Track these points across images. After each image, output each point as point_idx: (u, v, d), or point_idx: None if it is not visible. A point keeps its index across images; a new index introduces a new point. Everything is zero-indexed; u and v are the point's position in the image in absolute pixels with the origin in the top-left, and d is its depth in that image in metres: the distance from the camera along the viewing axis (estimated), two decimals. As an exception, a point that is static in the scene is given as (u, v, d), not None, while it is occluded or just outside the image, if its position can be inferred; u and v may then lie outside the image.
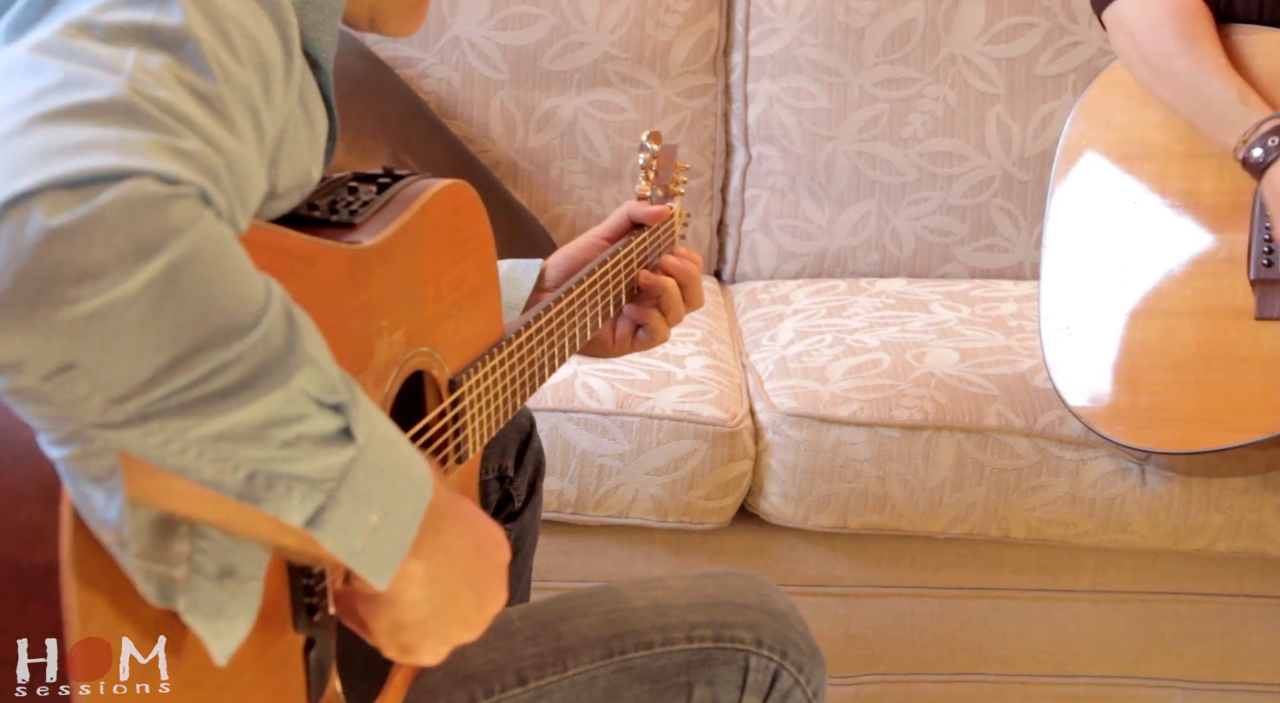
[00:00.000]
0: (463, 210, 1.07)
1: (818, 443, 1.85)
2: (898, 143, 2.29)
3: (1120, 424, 1.74)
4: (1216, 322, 1.70)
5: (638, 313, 1.38)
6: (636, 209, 1.40)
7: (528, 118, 2.28)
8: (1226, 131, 1.65)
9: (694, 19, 2.29)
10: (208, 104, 0.76)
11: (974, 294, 2.21)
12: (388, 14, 1.03)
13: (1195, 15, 1.69)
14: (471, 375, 1.07)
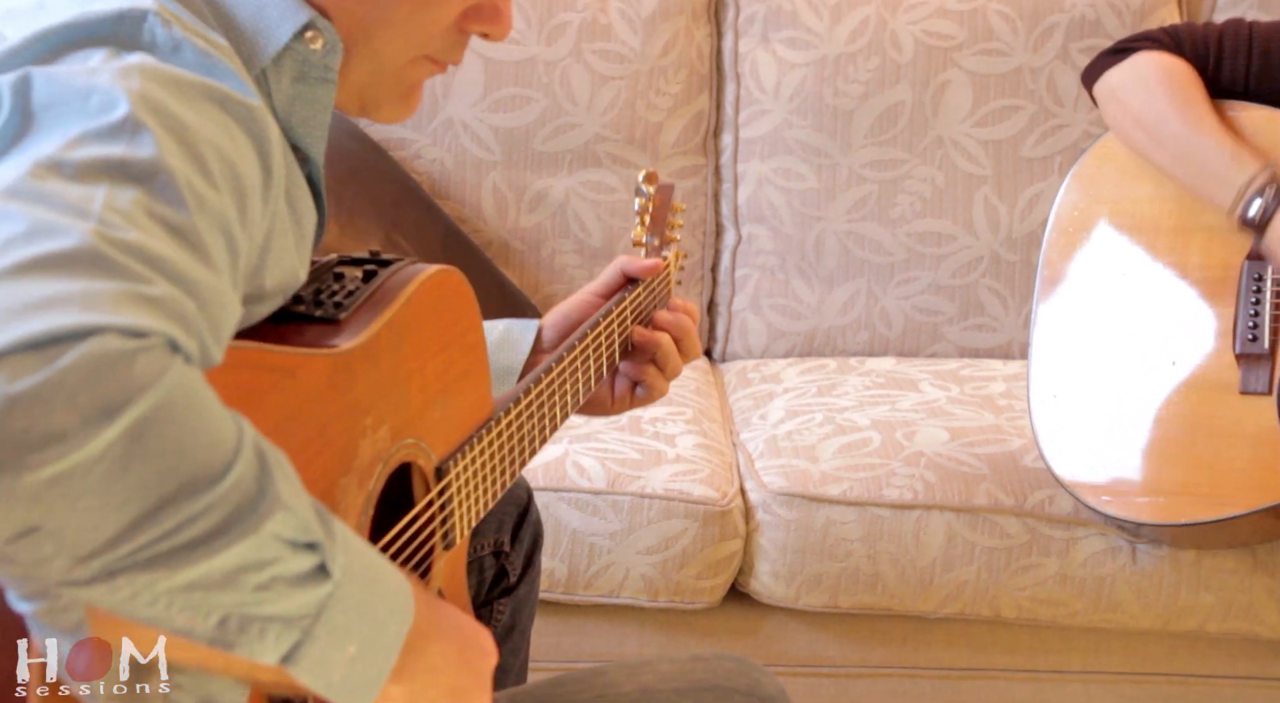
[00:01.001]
0: (449, 297, 1.06)
1: (808, 522, 1.85)
2: (886, 223, 2.31)
3: (1106, 494, 1.75)
4: (1202, 395, 1.72)
5: (634, 370, 1.35)
6: (630, 264, 1.37)
7: (520, 198, 2.30)
8: (1222, 191, 1.67)
9: (684, 101, 2.32)
10: (180, 236, 0.75)
11: (963, 373, 2.22)
12: (379, 101, 1.02)
13: (1187, 79, 1.72)
14: (458, 462, 1.06)
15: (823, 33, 2.29)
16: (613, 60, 2.29)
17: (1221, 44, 1.72)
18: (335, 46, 0.96)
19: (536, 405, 1.19)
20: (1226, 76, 1.72)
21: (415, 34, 0.99)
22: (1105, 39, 2.26)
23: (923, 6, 2.29)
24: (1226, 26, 1.74)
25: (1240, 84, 1.72)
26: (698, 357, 1.40)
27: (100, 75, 0.79)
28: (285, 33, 0.93)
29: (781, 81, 2.30)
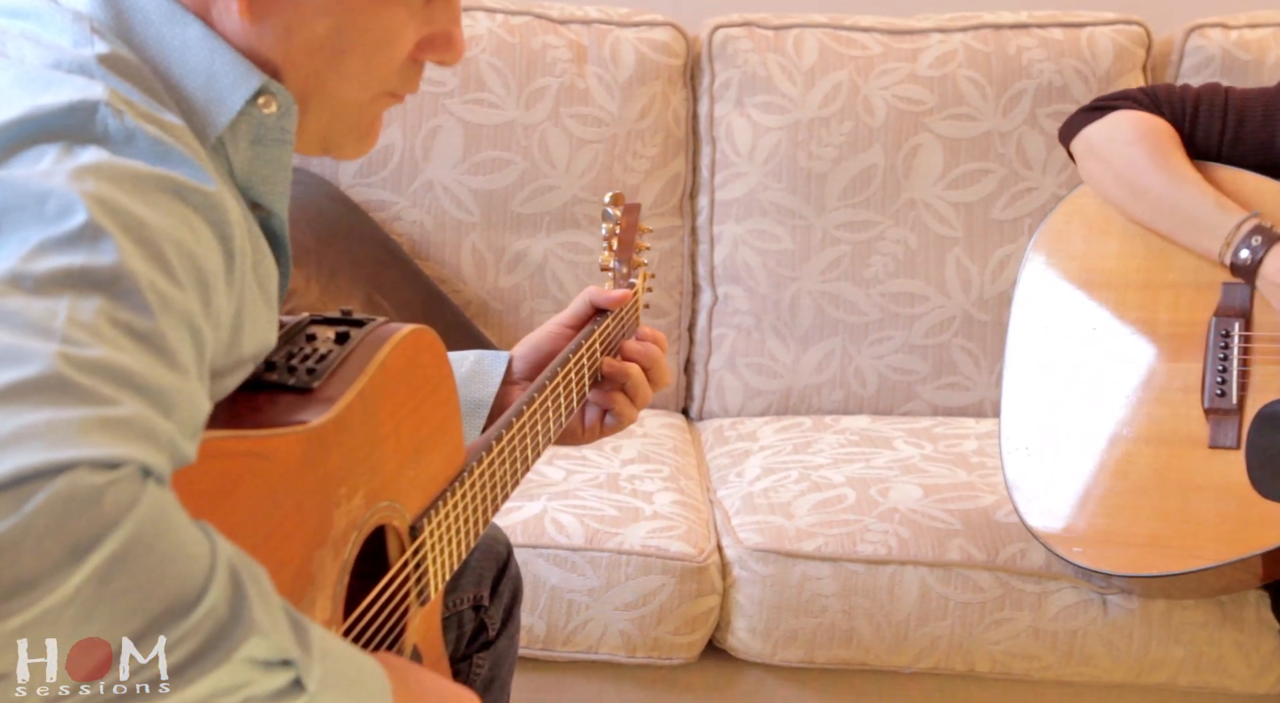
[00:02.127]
0: (423, 356, 1.06)
1: (784, 578, 1.87)
2: (860, 283, 2.35)
3: (1077, 546, 1.77)
4: (1172, 449, 1.75)
5: (604, 399, 1.36)
6: (599, 295, 1.38)
7: (499, 259, 2.33)
8: (1208, 239, 1.71)
9: (661, 163, 2.36)
10: (146, 342, 0.75)
11: (936, 431, 2.25)
12: (341, 142, 1.02)
13: (1165, 134, 1.76)
14: (432, 518, 1.07)
15: (796, 98, 2.33)
16: (590, 124, 2.33)
17: (1198, 108, 1.76)
18: (289, 109, 0.96)
19: (509, 450, 1.20)
20: (1200, 140, 1.76)
21: (372, 76, 0.99)
22: (1072, 104, 2.30)
23: (894, 72, 2.34)
24: (1203, 91, 1.79)
25: (1214, 148, 1.76)
26: (667, 384, 1.41)
27: (55, 178, 0.77)
28: (238, 100, 0.94)
29: (756, 145, 2.35)
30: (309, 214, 2.15)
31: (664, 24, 2.39)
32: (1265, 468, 1.69)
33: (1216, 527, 1.70)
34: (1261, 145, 1.75)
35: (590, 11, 2.39)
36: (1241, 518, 1.69)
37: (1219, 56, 2.33)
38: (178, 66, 0.93)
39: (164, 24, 0.94)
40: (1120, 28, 2.36)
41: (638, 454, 2.12)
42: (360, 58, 0.98)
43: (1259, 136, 1.74)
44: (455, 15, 1.02)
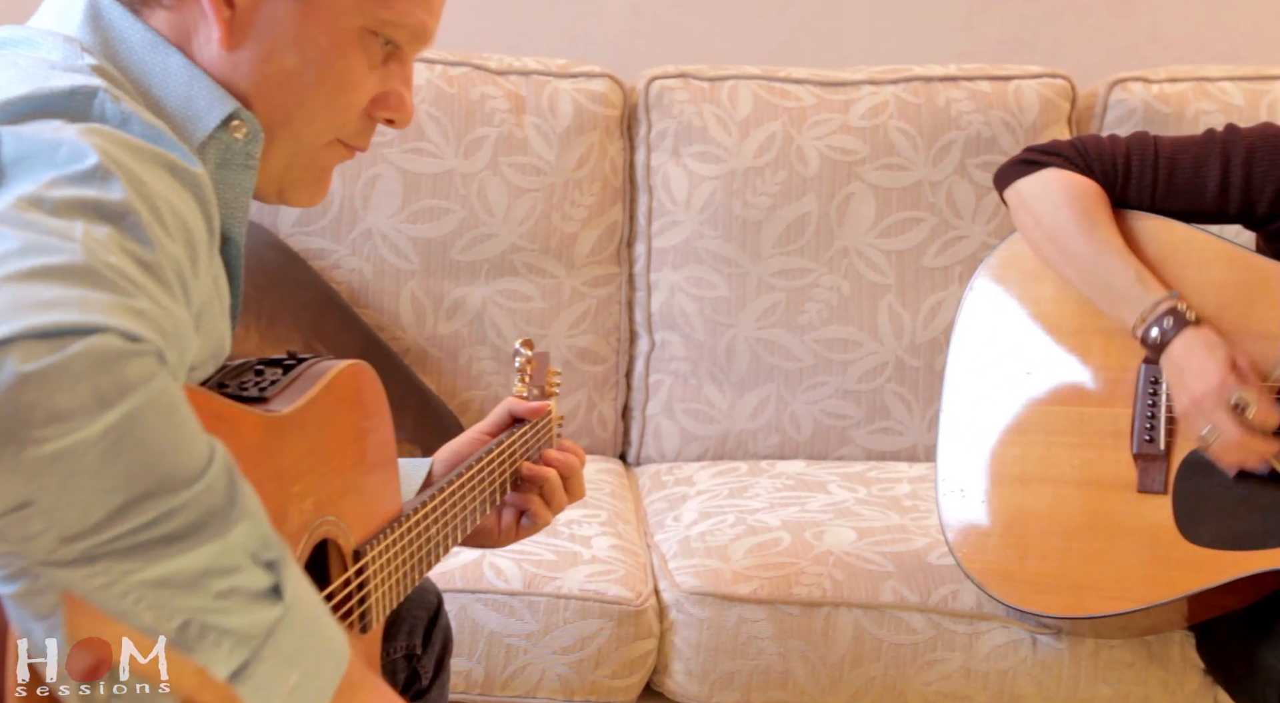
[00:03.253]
0: (365, 389, 1.12)
1: (720, 621, 1.89)
2: (795, 330, 2.38)
3: (1010, 586, 1.80)
4: (1102, 493, 1.78)
5: (520, 500, 1.44)
6: (516, 405, 1.48)
7: (437, 306, 2.35)
8: (1125, 310, 1.75)
9: (598, 212, 2.39)
10: (149, 271, 0.82)
11: (870, 475, 2.28)
12: (296, 186, 1.09)
13: (1093, 198, 1.80)
14: (375, 546, 1.11)
15: (732, 147, 2.38)
16: (529, 173, 2.36)
17: (1129, 161, 1.80)
18: (257, 135, 1.02)
19: (442, 511, 1.25)
20: (1133, 193, 1.81)
21: (332, 118, 1.06)
22: (1000, 155, 2.36)
23: (827, 123, 2.39)
24: (1133, 143, 1.82)
25: (1146, 200, 1.81)
26: (582, 497, 1.49)
27: (65, 131, 0.85)
28: (212, 121, 1.00)
29: (692, 194, 2.38)
30: (249, 262, 2.15)
31: (601, 75, 2.42)
32: (1191, 513, 1.73)
33: (1145, 570, 1.73)
34: (1193, 198, 1.79)
35: (529, 63, 2.43)
36: (1169, 561, 1.73)
37: (1140, 109, 2.39)
38: (158, 88, 1.01)
39: (146, 52, 1.01)
40: (1046, 81, 2.42)
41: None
42: (324, 97, 1.04)
43: (1189, 186, 1.79)
44: (408, 78, 1.09)
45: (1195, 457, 1.74)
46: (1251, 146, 1.76)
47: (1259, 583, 1.70)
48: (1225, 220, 1.80)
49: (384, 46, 1.07)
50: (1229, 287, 1.75)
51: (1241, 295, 1.75)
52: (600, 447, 2.43)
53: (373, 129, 1.10)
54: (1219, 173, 1.77)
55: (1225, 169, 1.76)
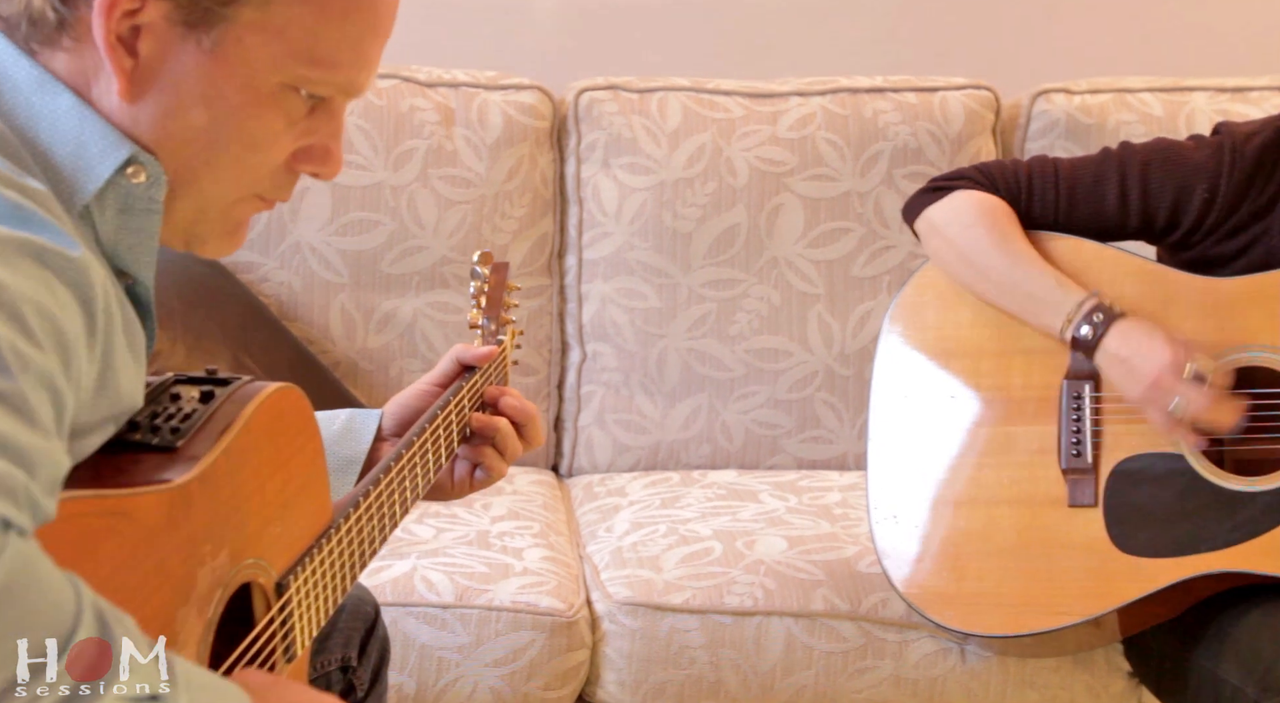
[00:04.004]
0: (288, 415, 1.07)
1: (653, 631, 1.90)
2: (725, 340, 2.40)
3: (949, 609, 1.82)
4: (1033, 510, 1.80)
5: (473, 453, 1.37)
6: (466, 352, 1.39)
7: (367, 319, 2.34)
8: (1050, 316, 1.77)
9: (529, 224, 2.39)
10: (6, 402, 0.77)
11: (801, 484, 2.30)
12: (204, 238, 1.03)
13: (1004, 214, 1.82)
14: (299, 575, 1.07)
15: (661, 159, 2.39)
16: (459, 185, 2.36)
17: (1031, 182, 1.83)
18: (159, 179, 0.97)
19: (377, 506, 1.21)
20: (1038, 213, 1.83)
21: (244, 176, 1.00)
22: (927, 165, 2.39)
23: (756, 134, 2.41)
24: (1034, 165, 1.85)
25: (1050, 220, 1.83)
26: (540, 444, 1.43)
27: None
28: (106, 169, 0.95)
29: (623, 205, 2.39)
30: (175, 276, 2.15)
31: (531, 87, 2.43)
32: (1122, 524, 1.75)
33: (1081, 583, 1.76)
34: (1094, 213, 1.82)
35: (458, 75, 2.43)
36: (1104, 573, 1.75)
37: (1063, 120, 2.43)
38: (45, 135, 0.95)
39: (33, 93, 0.95)
40: (971, 92, 2.45)
41: (507, 511, 2.14)
42: (233, 156, 0.99)
43: (1090, 204, 1.82)
44: (336, 131, 1.02)
45: (1123, 468, 1.77)
46: (1146, 161, 1.80)
47: (1190, 590, 1.73)
48: (1127, 236, 1.84)
49: (308, 100, 1.00)
50: (1143, 300, 1.78)
51: (1155, 308, 1.77)
52: (532, 458, 2.43)
53: (294, 181, 1.04)
54: (1117, 189, 1.80)
55: (1123, 185, 1.80)
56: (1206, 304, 1.76)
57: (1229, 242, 1.78)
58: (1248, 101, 2.42)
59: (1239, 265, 1.77)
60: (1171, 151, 1.81)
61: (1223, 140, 1.79)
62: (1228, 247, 1.78)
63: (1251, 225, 1.76)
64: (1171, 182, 1.78)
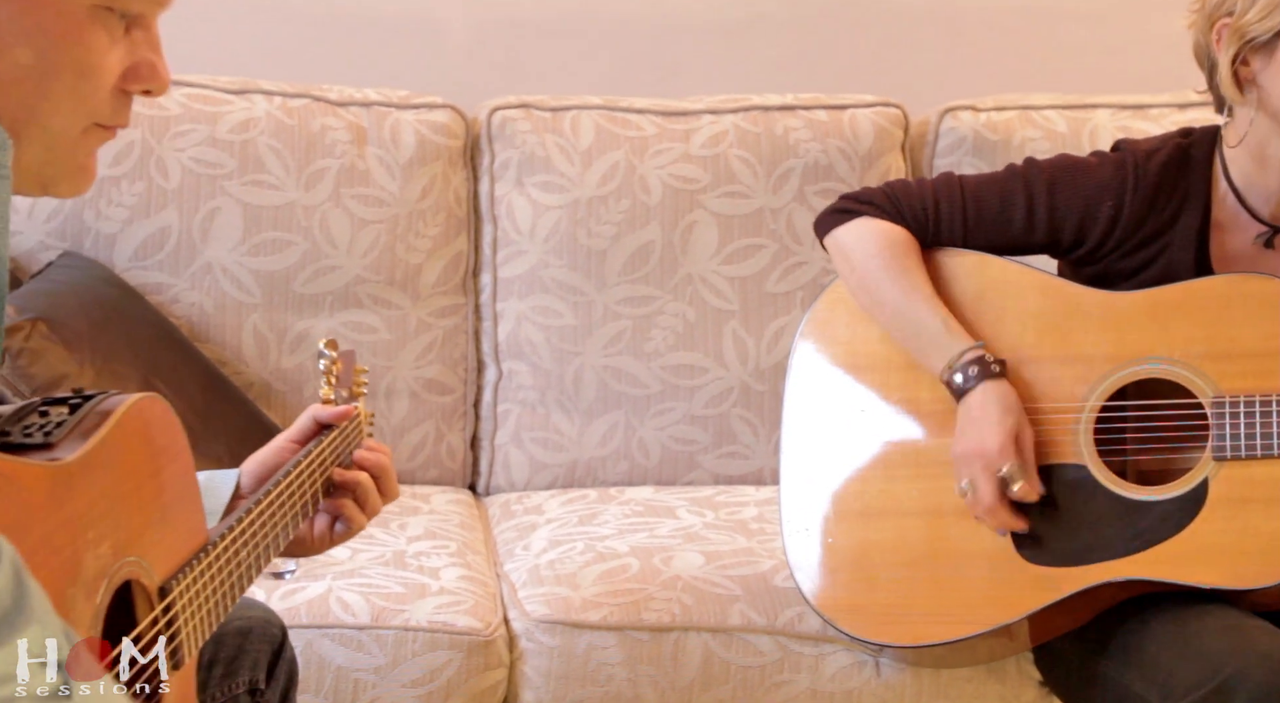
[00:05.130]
0: (157, 422, 1.09)
1: (570, 648, 1.90)
2: (641, 357, 2.41)
3: (862, 621, 1.83)
4: (942, 521, 1.83)
5: (333, 506, 1.42)
6: (322, 410, 1.45)
7: (281, 340, 2.33)
8: (934, 357, 1.81)
9: (443, 243, 2.39)
10: None
11: (718, 499, 2.31)
12: (57, 179, 1.05)
13: (904, 247, 1.85)
14: (181, 581, 1.09)
15: (575, 177, 2.39)
16: (372, 204, 2.35)
17: (938, 206, 1.86)
18: (4, 143, 0.98)
19: (251, 533, 1.23)
20: (945, 234, 1.86)
21: (81, 103, 1.03)
22: (838, 182, 2.41)
23: (669, 152, 2.42)
24: (939, 185, 1.87)
25: (959, 239, 1.86)
26: (396, 497, 1.47)
27: None
28: None
29: (537, 223, 2.40)
30: (83, 298, 2.13)
31: (443, 106, 2.43)
32: (1027, 533, 1.78)
33: (988, 593, 1.78)
34: (1002, 231, 1.85)
35: (370, 94, 2.42)
36: (1010, 583, 1.77)
37: (970, 137, 2.46)
38: None
39: None
40: (880, 110, 2.48)
41: (424, 531, 2.13)
42: (67, 84, 1.01)
43: (997, 221, 1.85)
44: (155, 44, 1.06)
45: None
46: (1052, 179, 1.83)
47: (1095, 599, 1.75)
48: (1034, 251, 1.87)
49: (122, 19, 1.03)
50: (1046, 314, 1.81)
51: (1059, 322, 1.81)
52: (449, 478, 2.42)
53: (129, 103, 1.06)
54: (1024, 206, 1.83)
55: (1030, 202, 1.83)
56: (1106, 318, 1.79)
57: (1132, 257, 1.81)
58: (1148, 118, 2.48)
59: (1141, 279, 1.80)
60: (1076, 168, 1.84)
61: (1125, 157, 1.83)
62: (1131, 261, 1.81)
63: (1154, 241, 1.80)
64: (1078, 198, 1.82)
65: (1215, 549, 1.70)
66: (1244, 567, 1.69)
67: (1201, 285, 1.77)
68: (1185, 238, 1.79)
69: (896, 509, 1.84)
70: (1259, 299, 1.73)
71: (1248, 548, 1.69)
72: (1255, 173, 1.78)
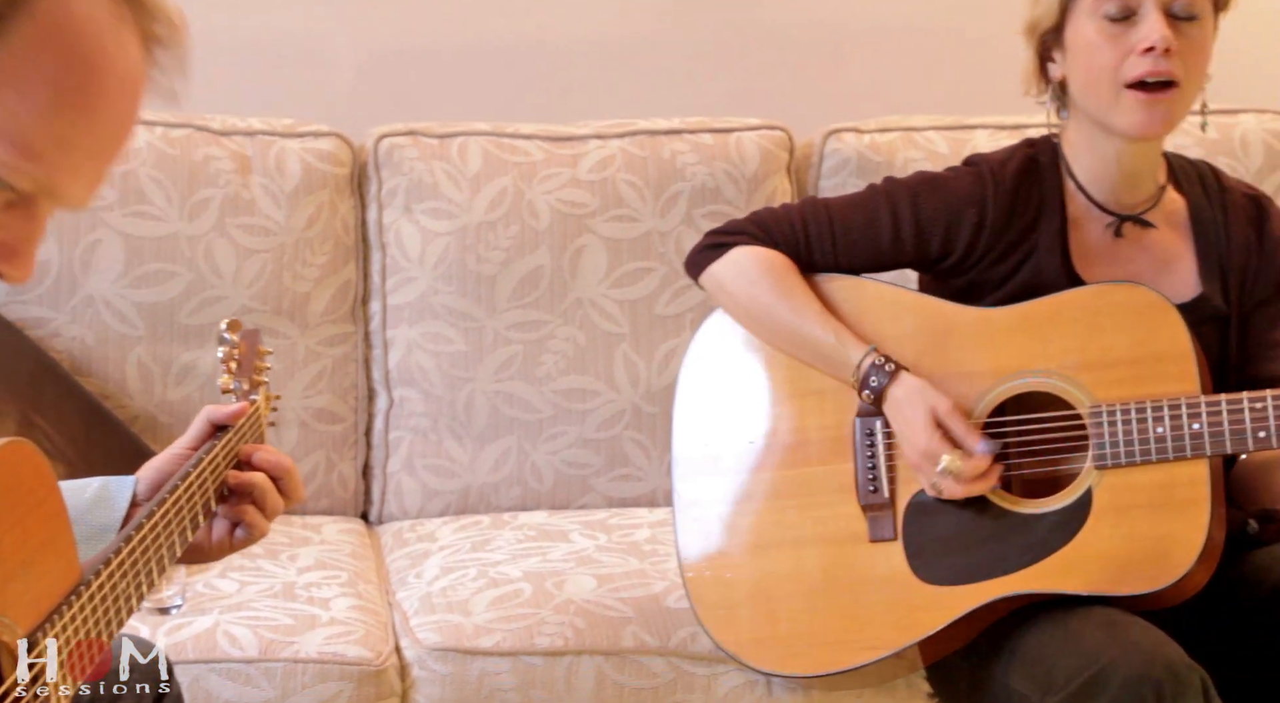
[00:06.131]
0: (20, 469, 1.05)
1: (463, 676, 1.89)
2: (533, 381, 2.41)
3: (767, 653, 1.84)
4: (838, 548, 1.84)
5: (233, 511, 1.36)
6: (216, 411, 1.39)
7: (166, 372, 2.30)
8: (839, 371, 1.83)
9: (331, 271, 2.38)
10: None
11: (611, 522, 2.32)
12: None
13: (784, 268, 1.87)
14: (48, 632, 1.06)
15: (463, 203, 2.40)
16: (257, 234, 2.34)
17: (807, 230, 1.88)
18: None
19: (130, 564, 1.19)
20: (817, 257, 1.89)
21: None
22: (725, 204, 2.43)
23: (556, 177, 2.43)
24: (805, 209, 1.90)
25: (830, 262, 1.89)
26: (301, 499, 1.41)
27: None
28: None
29: (426, 250, 2.39)
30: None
31: (329, 134, 2.42)
32: (922, 555, 1.80)
33: (887, 616, 1.80)
34: (871, 250, 1.88)
35: (254, 123, 2.41)
36: (908, 605, 1.79)
37: (854, 158, 2.50)
38: None
39: None
40: (765, 133, 2.51)
41: (315, 562, 2.12)
42: None
43: (867, 242, 1.88)
44: (32, 235, 0.94)
45: (918, 500, 1.82)
46: (915, 193, 1.87)
47: (990, 613, 1.78)
48: (904, 265, 1.90)
49: (4, 190, 0.91)
50: (923, 334, 1.84)
51: (936, 341, 1.83)
52: (341, 507, 2.41)
53: None
54: (890, 223, 1.86)
55: (895, 219, 1.86)
56: (982, 335, 1.83)
57: (1000, 264, 1.85)
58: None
59: (1011, 286, 1.84)
60: (936, 182, 1.88)
61: (980, 169, 1.88)
62: (1000, 269, 1.85)
63: (1019, 246, 1.85)
64: (941, 209, 1.85)
65: (1103, 557, 1.73)
66: (1131, 573, 1.73)
67: (1071, 297, 1.81)
68: (1049, 240, 1.84)
69: (792, 539, 1.85)
70: (1127, 308, 1.78)
71: (1133, 554, 1.73)
72: (1093, 166, 1.85)
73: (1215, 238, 1.86)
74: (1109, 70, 1.78)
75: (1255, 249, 1.86)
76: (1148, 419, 1.73)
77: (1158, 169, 1.88)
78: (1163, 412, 1.73)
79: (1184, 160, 1.93)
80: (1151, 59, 1.75)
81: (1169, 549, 1.71)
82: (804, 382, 1.87)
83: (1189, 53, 1.77)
